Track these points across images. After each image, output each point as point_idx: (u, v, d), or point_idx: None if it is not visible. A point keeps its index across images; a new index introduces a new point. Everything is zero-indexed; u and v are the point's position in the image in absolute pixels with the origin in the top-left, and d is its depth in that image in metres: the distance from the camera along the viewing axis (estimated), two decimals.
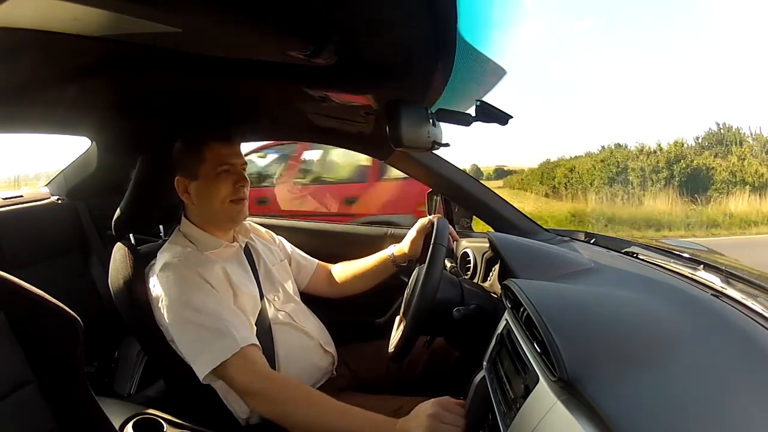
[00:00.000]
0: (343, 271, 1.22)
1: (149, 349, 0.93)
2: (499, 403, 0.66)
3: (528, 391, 0.58)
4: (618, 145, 10.89)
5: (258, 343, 0.85)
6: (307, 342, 1.01)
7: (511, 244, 1.02)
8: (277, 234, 1.22)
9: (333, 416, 0.76)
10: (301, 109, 1.02)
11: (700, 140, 10.72)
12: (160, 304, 0.87)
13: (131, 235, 1.09)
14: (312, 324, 1.06)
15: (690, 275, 0.85)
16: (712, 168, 9.26)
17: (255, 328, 0.94)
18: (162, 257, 0.92)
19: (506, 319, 0.79)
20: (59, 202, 1.51)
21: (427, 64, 0.55)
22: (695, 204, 8.62)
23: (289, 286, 1.09)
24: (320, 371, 1.01)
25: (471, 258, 1.25)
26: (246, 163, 0.99)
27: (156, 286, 0.88)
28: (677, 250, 1.06)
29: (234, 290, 0.92)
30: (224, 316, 0.83)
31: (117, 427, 0.80)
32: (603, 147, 11.24)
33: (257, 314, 0.95)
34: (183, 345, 0.84)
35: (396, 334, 0.98)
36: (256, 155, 4.13)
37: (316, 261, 1.24)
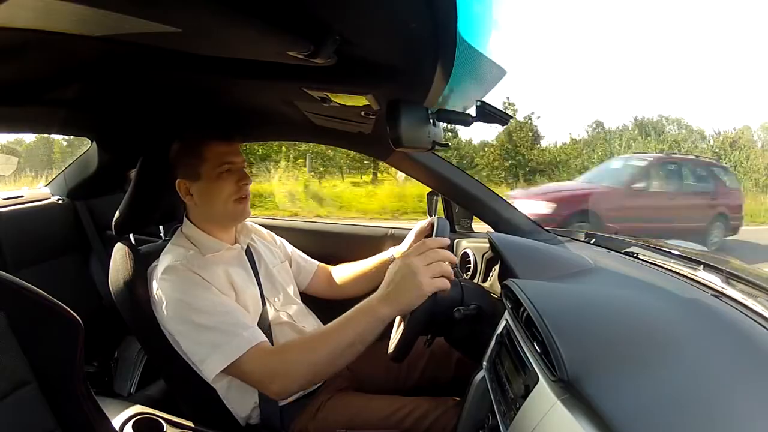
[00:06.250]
0: (343, 273, 1.22)
1: (149, 348, 0.93)
2: (499, 403, 0.67)
3: (528, 391, 0.58)
4: None
5: (264, 337, 0.85)
6: None
7: (511, 244, 1.02)
8: (278, 234, 1.22)
9: (331, 342, 0.77)
10: (301, 109, 1.02)
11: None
12: (163, 308, 0.86)
13: (131, 235, 1.09)
14: (311, 324, 1.06)
15: (690, 275, 0.85)
16: None
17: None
18: (164, 260, 0.91)
19: (506, 319, 0.79)
20: (59, 202, 1.52)
21: (427, 64, 0.55)
22: None
23: (290, 288, 1.09)
24: None
25: (471, 258, 1.26)
26: (245, 162, 0.99)
27: (158, 290, 0.88)
28: (677, 250, 1.06)
29: (236, 292, 0.92)
30: (231, 317, 0.83)
31: (117, 427, 0.80)
32: None
33: (258, 316, 0.96)
34: (189, 347, 0.84)
35: (396, 334, 0.98)
36: None
37: (317, 262, 1.24)
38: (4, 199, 1.41)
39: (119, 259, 0.95)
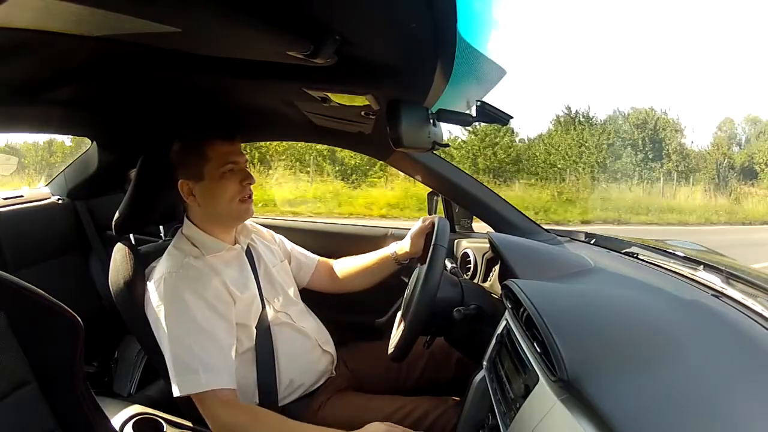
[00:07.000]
0: (345, 266, 1.22)
1: (149, 348, 0.93)
2: (499, 403, 0.67)
3: (528, 391, 0.58)
4: None
5: (230, 385, 0.85)
6: (306, 343, 1.01)
7: (511, 244, 1.02)
8: (277, 233, 1.22)
9: None
10: (301, 109, 1.02)
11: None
12: (151, 315, 0.88)
13: (131, 235, 1.09)
14: (311, 324, 1.06)
15: (690, 275, 0.85)
16: None
17: (255, 331, 0.94)
18: (161, 266, 0.91)
19: (506, 320, 0.79)
20: (59, 202, 1.51)
21: (427, 64, 0.55)
22: None
23: (289, 288, 1.09)
24: (319, 371, 1.01)
25: (471, 258, 1.26)
26: (248, 161, 0.99)
27: (150, 295, 0.89)
28: (677, 251, 1.06)
29: (234, 299, 0.92)
30: (201, 352, 0.83)
31: (117, 427, 0.80)
32: None
33: (257, 317, 0.96)
34: (166, 359, 0.85)
35: (396, 334, 0.98)
36: None
37: (317, 257, 1.23)
38: (4, 199, 1.41)
39: (119, 259, 0.95)
